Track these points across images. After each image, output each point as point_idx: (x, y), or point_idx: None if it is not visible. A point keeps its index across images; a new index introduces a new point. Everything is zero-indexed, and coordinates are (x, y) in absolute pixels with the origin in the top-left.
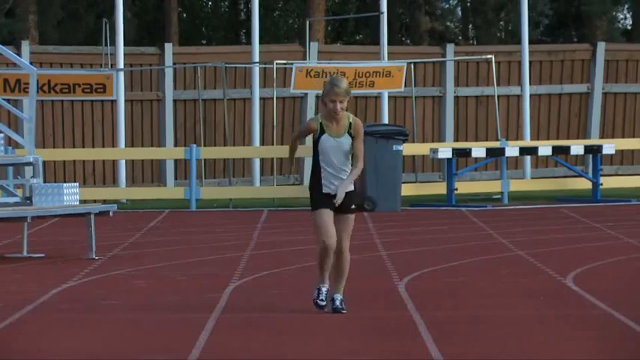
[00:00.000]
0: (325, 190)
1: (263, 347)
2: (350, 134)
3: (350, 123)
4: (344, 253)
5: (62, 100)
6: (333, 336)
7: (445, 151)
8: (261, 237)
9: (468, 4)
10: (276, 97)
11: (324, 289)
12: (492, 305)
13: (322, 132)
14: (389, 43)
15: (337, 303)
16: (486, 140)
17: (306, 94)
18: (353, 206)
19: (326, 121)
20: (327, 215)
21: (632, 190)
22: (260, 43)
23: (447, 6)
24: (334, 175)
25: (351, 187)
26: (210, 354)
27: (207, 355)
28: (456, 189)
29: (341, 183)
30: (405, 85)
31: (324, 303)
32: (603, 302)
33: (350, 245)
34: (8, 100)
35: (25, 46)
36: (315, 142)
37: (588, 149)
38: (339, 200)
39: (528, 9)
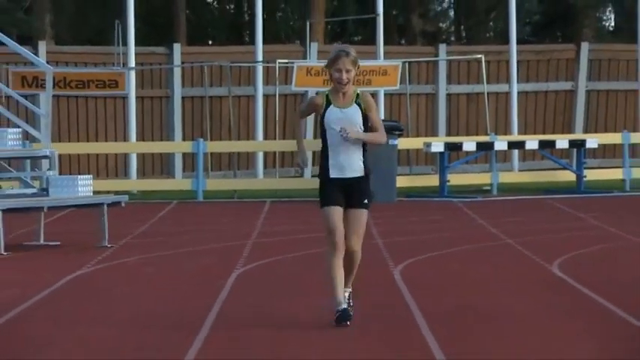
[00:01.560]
0: (334, 174)
1: (266, 329)
2: (358, 104)
3: (357, 94)
4: (354, 252)
5: (77, 97)
6: (323, 318)
7: (438, 145)
8: (264, 226)
9: (460, 6)
10: (278, 95)
11: (341, 308)
12: (482, 291)
13: (328, 105)
14: (385, 44)
15: (345, 296)
16: (477, 135)
17: (306, 91)
18: (365, 200)
19: (332, 94)
20: (337, 215)
21: (614, 182)
22: (263, 43)
23: (440, 8)
24: (342, 153)
25: (364, 137)
26: (220, 326)
27: (217, 327)
28: (449, 181)
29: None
30: (400, 83)
31: (348, 313)
32: (587, 288)
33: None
34: (25, 96)
35: (42, 46)
36: (321, 119)
37: (573, 143)
38: (351, 136)
39: (517, 8)
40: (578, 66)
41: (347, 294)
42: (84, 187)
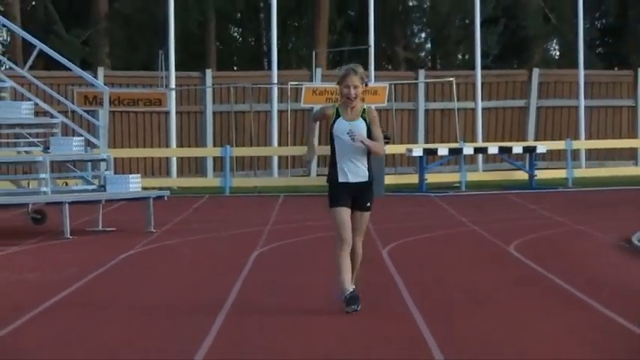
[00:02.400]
0: (341, 178)
1: (277, 297)
2: (364, 119)
3: (364, 109)
4: (357, 251)
5: (128, 112)
6: (327, 290)
7: (418, 151)
8: (278, 215)
9: (435, 39)
10: (290, 110)
11: (349, 291)
12: (454, 266)
13: (337, 117)
14: (375, 69)
15: (351, 291)
16: (449, 142)
17: (312, 107)
18: (369, 204)
19: (342, 108)
20: (345, 214)
21: (560, 181)
22: (277, 69)
23: (419, 41)
24: (349, 160)
25: (368, 143)
26: (243, 296)
27: (241, 296)
28: (426, 179)
29: (363, 138)
30: (388, 101)
31: (356, 294)
32: (536, 264)
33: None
34: (87, 112)
35: (100, 71)
36: (330, 129)
37: (526, 149)
38: (357, 138)
39: (480, 43)
40: (530, 87)
41: (353, 287)
42: (134, 184)
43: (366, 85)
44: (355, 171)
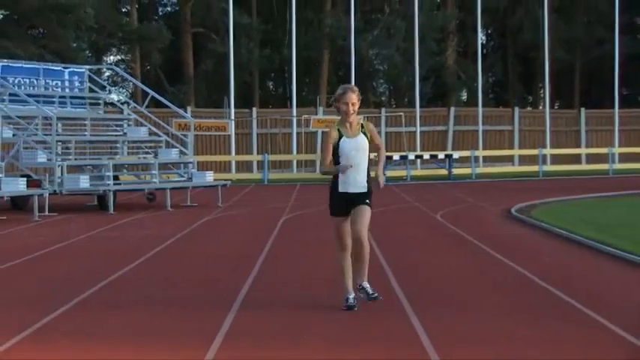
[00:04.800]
0: (342, 188)
1: (298, 246)
2: (364, 134)
3: (362, 124)
4: (362, 241)
5: (205, 135)
6: (321, 259)
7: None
8: (297, 196)
9: (392, 89)
10: (303, 132)
11: (350, 297)
12: (402, 227)
13: (341, 136)
14: None
15: (369, 291)
16: (400, 151)
17: (317, 130)
18: (367, 201)
19: (342, 127)
20: (344, 223)
21: (467, 175)
22: (296, 107)
23: (382, 90)
24: (352, 175)
25: (383, 172)
26: (274, 248)
27: (273, 248)
28: (386, 174)
29: (378, 174)
30: None
31: (354, 303)
32: (455, 227)
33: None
34: (181, 134)
35: (189, 108)
36: (335, 148)
37: (446, 156)
38: (381, 184)
39: (419, 91)
40: (448, 118)
41: (368, 285)
42: (209, 177)
43: (360, 100)
44: (355, 183)
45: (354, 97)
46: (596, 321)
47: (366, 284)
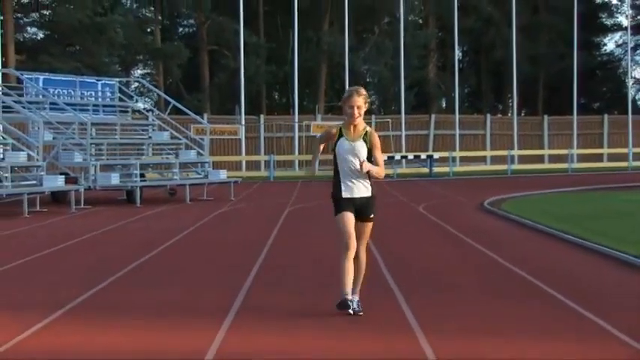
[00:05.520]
0: (345, 194)
1: (300, 237)
2: (365, 141)
3: (367, 132)
4: (360, 257)
5: (219, 138)
6: (320, 245)
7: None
8: (298, 192)
9: (380, 100)
10: (304, 136)
11: (347, 298)
12: (390, 215)
13: (340, 137)
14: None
15: (356, 307)
16: (388, 152)
17: (315, 134)
18: (372, 215)
19: (345, 128)
20: (349, 218)
21: (446, 173)
22: (298, 114)
23: (372, 99)
24: (351, 177)
25: (372, 170)
26: (279, 236)
27: (278, 235)
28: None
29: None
30: None
31: (349, 305)
32: (441, 221)
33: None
34: (198, 137)
35: (205, 115)
36: (334, 147)
37: (428, 156)
38: (364, 167)
39: (404, 100)
40: (430, 124)
41: (356, 299)
42: (223, 174)
43: (367, 103)
44: (358, 187)
45: (359, 101)
46: (555, 297)
47: (356, 298)
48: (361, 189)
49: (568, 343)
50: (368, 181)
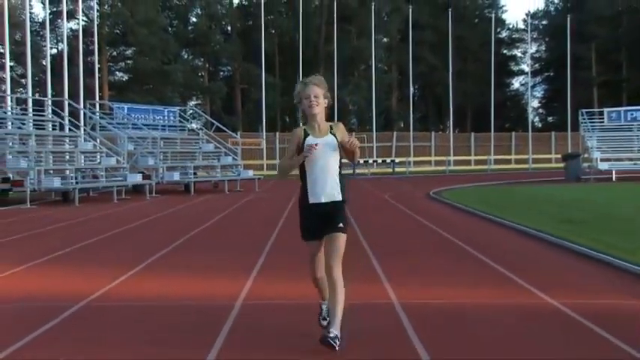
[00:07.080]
0: (312, 199)
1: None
2: (334, 135)
3: (331, 126)
4: (336, 281)
5: (248, 148)
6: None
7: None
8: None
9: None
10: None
11: (324, 307)
12: (365, 203)
13: (307, 136)
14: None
15: (330, 336)
16: (363, 158)
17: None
18: (341, 224)
19: (309, 129)
20: (317, 250)
21: (404, 173)
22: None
23: (353, 121)
24: (321, 180)
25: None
26: (286, 220)
27: (286, 219)
28: (353, 171)
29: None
30: None
31: (325, 322)
32: (401, 205)
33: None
34: (233, 147)
35: (238, 132)
36: (300, 149)
37: (391, 160)
38: (352, 142)
39: (375, 124)
40: (393, 138)
41: (332, 334)
42: (250, 173)
43: (328, 103)
44: (326, 191)
45: (316, 90)
46: (485, 262)
47: (334, 331)
48: (329, 192)
49: (491, 290)
50: (339, 182)
